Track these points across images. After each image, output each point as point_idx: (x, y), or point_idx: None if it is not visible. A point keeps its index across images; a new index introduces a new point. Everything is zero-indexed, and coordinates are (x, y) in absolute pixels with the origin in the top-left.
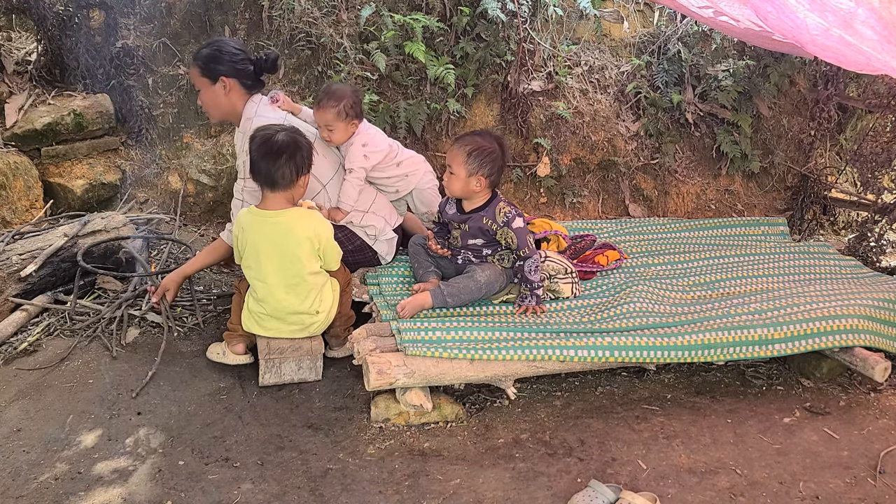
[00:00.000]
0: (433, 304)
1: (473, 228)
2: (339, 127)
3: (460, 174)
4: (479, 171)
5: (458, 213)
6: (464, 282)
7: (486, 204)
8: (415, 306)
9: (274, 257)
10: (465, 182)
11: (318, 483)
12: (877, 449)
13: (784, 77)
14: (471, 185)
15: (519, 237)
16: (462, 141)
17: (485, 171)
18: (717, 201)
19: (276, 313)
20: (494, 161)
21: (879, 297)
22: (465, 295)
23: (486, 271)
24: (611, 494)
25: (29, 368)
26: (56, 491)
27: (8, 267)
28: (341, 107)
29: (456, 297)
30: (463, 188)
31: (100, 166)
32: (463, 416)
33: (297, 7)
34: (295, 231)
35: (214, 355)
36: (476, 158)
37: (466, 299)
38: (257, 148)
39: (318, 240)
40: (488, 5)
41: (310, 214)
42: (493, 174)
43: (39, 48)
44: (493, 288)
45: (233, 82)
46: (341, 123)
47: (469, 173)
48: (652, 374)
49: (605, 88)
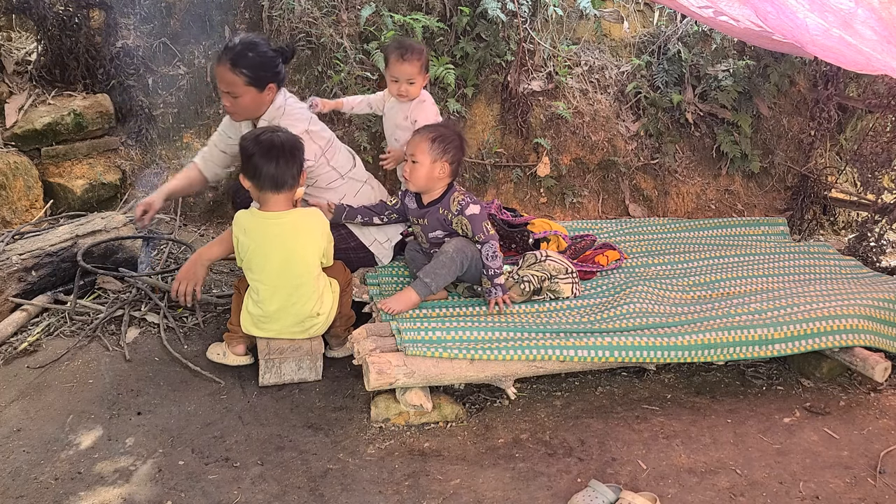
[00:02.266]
0: (419, 294)
1: (432, 221)
2: (419, 80)
3: (424, 161)
4: (443, 156)
5: (417, 207)
6: (435, 259)
7: (443, 195)
8: (400, 303)
9: (280, 259)
10: (429, 169)
11: (318, 483)
12: (877, 449)
13: (784, 77)
14: (435, 172)
15: (473, 223)
16: (423, 130)
17: (448, 157)
18: (717, 201)
19: (277, 315)
20: (457, 148)
21: (879, 297)
22: (441, 269)
23: (452, 241)
24: (611, 494)
25: (29, 367)
26: (56, 491)
27: (8, 267)
28: (423, 61)
29: (433, 275)
30: (427, 175)
31: (100, 166)
32: (463, 416)
33: (297, 7)
34: (303, 232)
35: (215, 356)
36: (440, 144)
37: (446, 274)
38: (261, 152)
39: (325, 237)
40: (488, 5)
41: (312, 213)
42: (455, 161)
43: (39, 48)
44: (466, 255)
45: (275, 86)
46: (421, 77)
47: (433, 159)
48: (652, 374)
49: (605, 88)
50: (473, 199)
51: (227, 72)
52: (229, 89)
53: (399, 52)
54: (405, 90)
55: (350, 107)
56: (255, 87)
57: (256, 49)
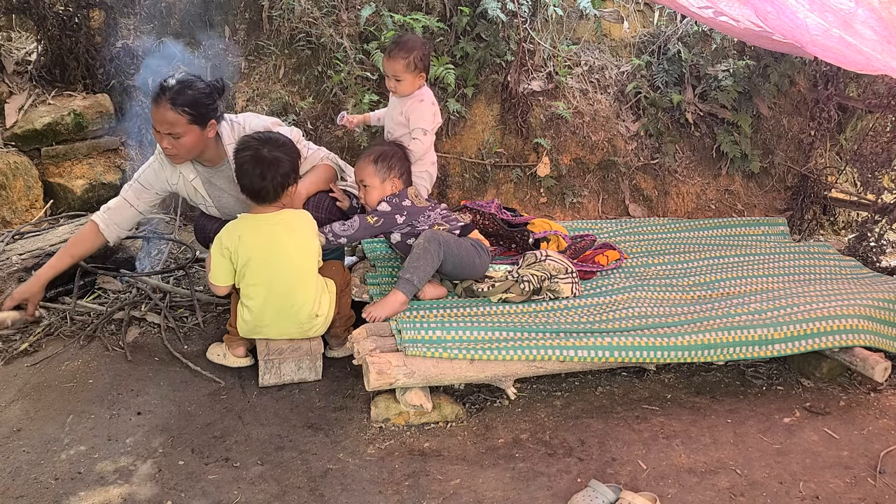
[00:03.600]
0: (405, 292)
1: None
2: (407, 79)
3: (374, 183)
4: (390, 173)
5: None
6: (410, 255)
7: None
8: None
9: (276, 256)
10: (381, 189)
11: (318, 483)
12: (877, 449)
13: (784, 77)
14: (387, 190)
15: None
16: (363, 155)
17: (396, 172)
18: (717, 201)
19: (275, 320)
20: (401, 160)
21: (879, 297)
22: (418, 262)
23: (421, 234)
24: (611, 494)
25: (30, 367)
26: (56, 491)
27: (8, 267)
28: (411, 58)
29: (412, 269)
30: (381, 196)
31: (100, 166)
32: (463, 416)
33: (297, 7)
34: (296, 230)
35: (215, 357)
36: (384, 163)
37: (424, 265)
38: (240, 166)
39: (316, 238)
40: (488, 5)
41: (302, 213)
42: (403, 172)
43: (39, 48)
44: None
45: (215, 122)
46: (409, 75)
47: (382, 179)
48: (652, 374)
49: (605, 88)
50: (394, 201)
51: (167, 111)
52: (170, 130)
53: (388, 49)
54: (393, 86)
55: (377, 118)
56: (197, 126)
57: (193, 86)
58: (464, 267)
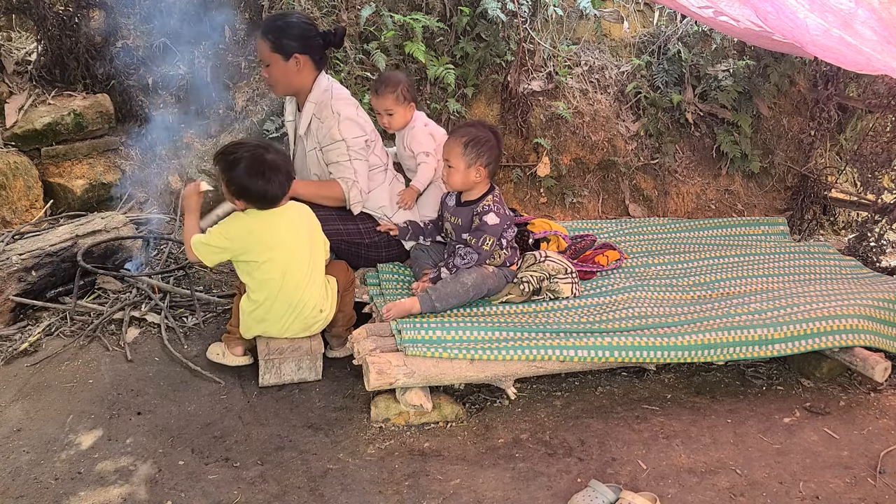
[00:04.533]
0: (421, 309)
1: (465, 221)
2: (399, 111)
3: (459, 166)
4: (477, 160)
5: (455, 204)
6: (451, 285)
7: (481, 197)
8: (401, 310)
9: (300, 245)
10: (464, 174)
11: (318, 483)
12: (877, 449)
13: (784, 77)
14: (471, 177)
15: (481, 228)
16: (457, 133)
17: (483, 161)
18: (717, 201)
19: (285, 313)
20: (491, 149)
21: (879, 297)
22: (453, 299)
23: (472, 273)
24: (611, 494)
25: (30, 367)
26: (56, 491)
27: (8, 267)
28: (399, 91)
29: (444, 301)
30: (463, 180)
31: (100, 166)
32: (463, 416)
33: (297, 7)
34: (305, 221)
35: (214, 356)
36: (473, 148)
37: (455, 303)
38: (247, 170)
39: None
40: (488, 5)
41: (305, 207)
42: (490, 163)
43: (39, 48)
44: (481, 290)
45: (305, 59)
46: (400, 108)
47: (468, 164)
48: (652, 374)
49: (605, 88)
50: (500, 210)
51: (259, 40)
52: (261, 57)
53: (374, 88)
54: (387, 122)
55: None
56: (280, 55)
57: (285, 18)
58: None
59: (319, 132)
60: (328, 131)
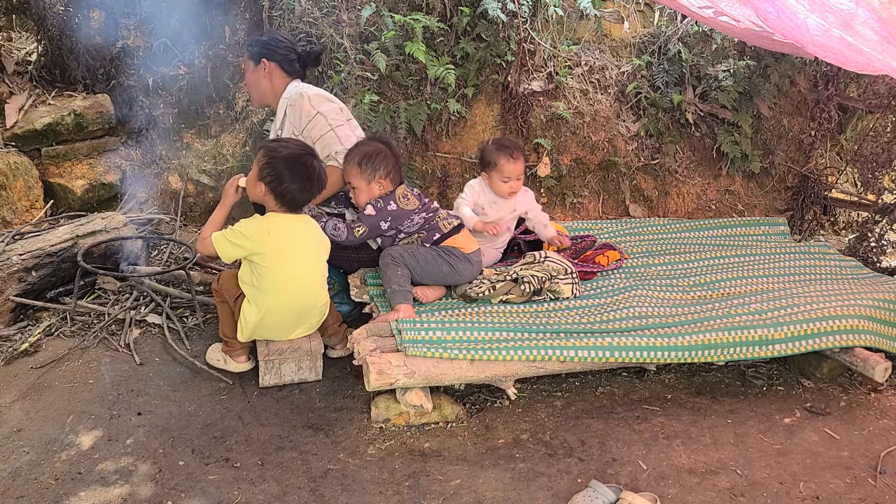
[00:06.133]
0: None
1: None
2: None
3: (361, 185)
4: (375, 174)
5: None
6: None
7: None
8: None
9: (314, 254)
10: (368, 190)
11: (319, 483)
12: (877, 449)
13: (784, 77)
14: (375, 191)
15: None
16: (350, 155)
17: (381, 173)
18: (718, 201)
19: (292, 317)
20: (385, 159)
21: (880, 297)
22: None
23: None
24: (611, 495)
25: (30, 367)
26: (56, 491)
27: (8, 267)
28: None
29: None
30: (369, 196)
31: (100, 166)
32: (463, 416)
33: (297, 7)
34: (317, 230)
35: (215, 361)
36: (368, 165)
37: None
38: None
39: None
40: (488, 5)
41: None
42: (390, 171)
43: (39, 48)
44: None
45: (273, 66)
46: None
47: (367, 181)
48: (652, 375)
49: (606, 88)
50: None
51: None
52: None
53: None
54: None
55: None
56: (252, 61)
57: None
58: (433, 276)
59: (294, 117)
60: (300, 111)
